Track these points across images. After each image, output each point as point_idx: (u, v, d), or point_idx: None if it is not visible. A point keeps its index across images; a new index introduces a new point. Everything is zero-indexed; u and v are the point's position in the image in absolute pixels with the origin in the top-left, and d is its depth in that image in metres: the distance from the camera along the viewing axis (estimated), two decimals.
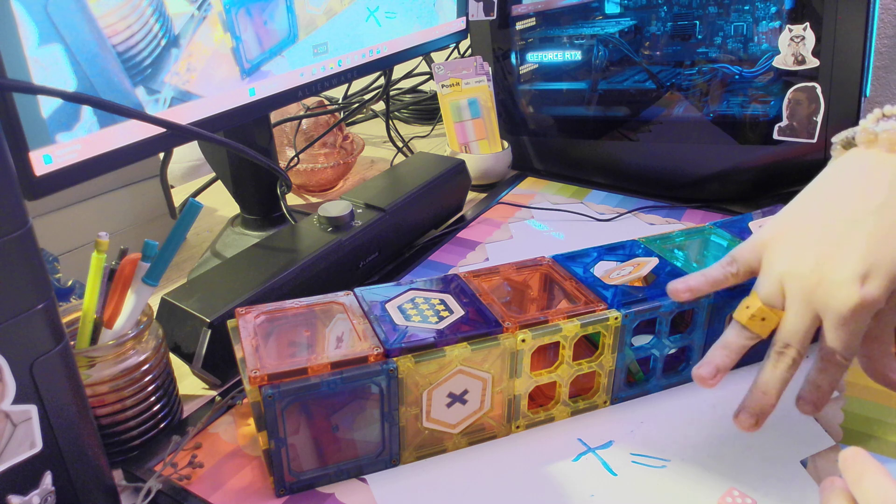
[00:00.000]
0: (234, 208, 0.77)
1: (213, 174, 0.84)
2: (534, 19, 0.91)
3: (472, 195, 0.89)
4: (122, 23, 0.49)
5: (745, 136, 0.80)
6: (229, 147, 0.61)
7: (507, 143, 0.93)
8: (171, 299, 0.54)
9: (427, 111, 1.20)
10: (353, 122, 1.21)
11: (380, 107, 1.21)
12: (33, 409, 0.34)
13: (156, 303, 0.54)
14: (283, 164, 0.88)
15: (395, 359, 0.43)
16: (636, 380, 0.53)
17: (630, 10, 0.85)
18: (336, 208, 0.65)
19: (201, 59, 0.55)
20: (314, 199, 0.92)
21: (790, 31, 0.75)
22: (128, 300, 0.46)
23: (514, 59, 0.93)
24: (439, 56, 1.12)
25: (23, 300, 0.32)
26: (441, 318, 0.47)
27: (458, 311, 0.48)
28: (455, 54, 1.15)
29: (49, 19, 0.44)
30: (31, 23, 0.43)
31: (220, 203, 0.87)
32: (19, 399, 0.33)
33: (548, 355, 0.52)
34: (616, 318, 0.48)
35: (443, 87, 0.91)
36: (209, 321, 0.51)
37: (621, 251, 0.57)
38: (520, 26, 0.92)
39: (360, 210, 0.68)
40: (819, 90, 0.75)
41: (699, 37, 0.81)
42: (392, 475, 0.46)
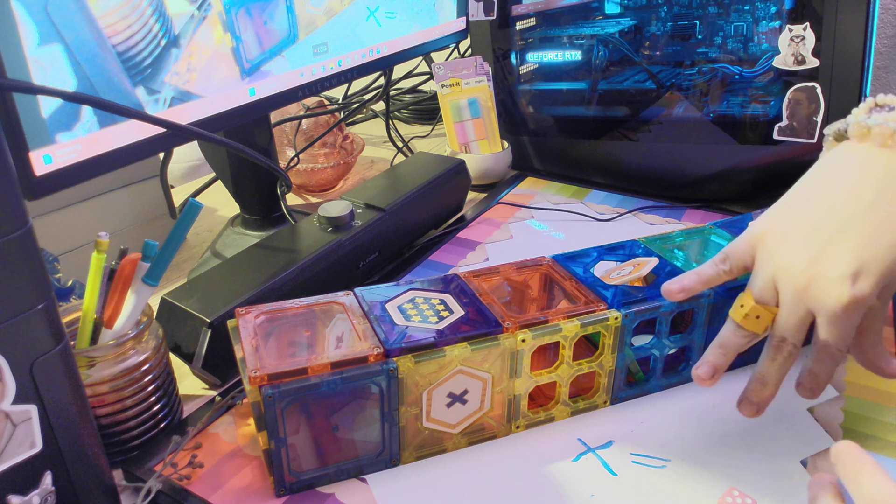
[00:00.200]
0: (234, 208, 0.77)
1: (213, 174, 0.84)
2: (534, 19, 0.91)
3: (472, 195, 0.89)
4: (122, 23, 0.49)
5: (745, 136, 0.80)
6: (229, 147, 0.61)
7: (507, 143, 0.93)
8: (171, 299, 0.54)
9: (427, 111, 1.20)
10: (353, 122, 1.21)
11: (380, 107, 1.21)
12: (33, 409, 0.34)
13: (156, 303, 0.54)
14: (283, 164, 0.88)
15: (395, 359, 0.43)
16: (636, 380, 0.53)
17: (630, 10, 0.85)
18: (336, 208, 0.65)
19: (201, 59, 0.55)
20: (314, 199, 0.92)
21: (790, 31, 0.75)
22: (128, 300, 0.46)
23: (514, 59, 0.93)
24: (439, 56, 1.12)
25: (23, 300, 0.32)
26: (441, 318, 0.47)
27: (458, 311, 0.48)
28: (455, 54, 1.15)
29: (49, 19, 0.44)
30: (31, 23, 0.43)
31: (220, 203, 0.87)
32: (19, 399, 0.33)
33: (548, 355, 0.52)
34: (616, 318, 0.48)
35: (443, 87, 0.91)
36: (209, 321, 0.51)
37: (621, 251, 0.57)
38: (520, 26, 0.92)
39: (360, 210, 0.68)
40: (819, 90, 0.75)
41: (699, 37, 0.81)
42: (392, 475, 0.46)
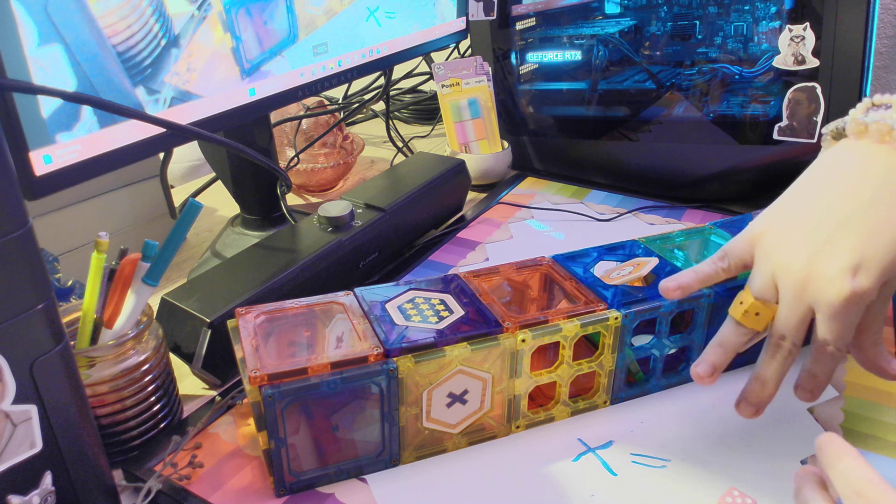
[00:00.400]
0: (234, 208, 0.77)
1: (213, 174, 0.84)
2: (534, 19, 0.91)
3: (472, 195, 0.89)
4: (122, 23, 0.49)
5: (745, 136, 0.80)
6: (229, 147, 0.61)
7: (507, 143, 0.93)
8: (171, 299, 0.54)
9: (427, 111, 1.20)
10: (353, 122, 1.21)
11: (380, 107, 1.21)
12: (33, 409, 0.34)
13: (156, 303, 0.54)
14: (283, 164, 0.88)
15: (395, 359, 0.43)
16: (636, 380, 0.53)
17: (630, 10, 0.85)
18: (336, 208, 0.65)
19: (201, 59, 0.55)
20: (314, 199, 0.92)
21: (790, 31, 0.75)
22: (128, 300, 0.46)
23: (514, 59, 0.93)
24: (439, 56, 1.12)
25: (23, 300, 0.32)
26: (441, 318, 0.47)
27: (458, 311, 0.48)
28: (455, 54, 1.15)
29: (49, 19, 0.44)
30: (31, 23, 0.43)
31: (220, 203, 0.87)
32: (19, 399, 0.33)
33: (548, 355, 0.52)
34: (616, 318, 0.48)
35: (443, 87, 0.91)
36: (209, 321, 0.51)
37: (621, 251, 0.57)
38: (520, 26, 0.92)
39: (360, 210, 0.68)
40: (819, 90, 0.75)
41: (699, 37, 0.81)
42: (392, 475, 0.46)
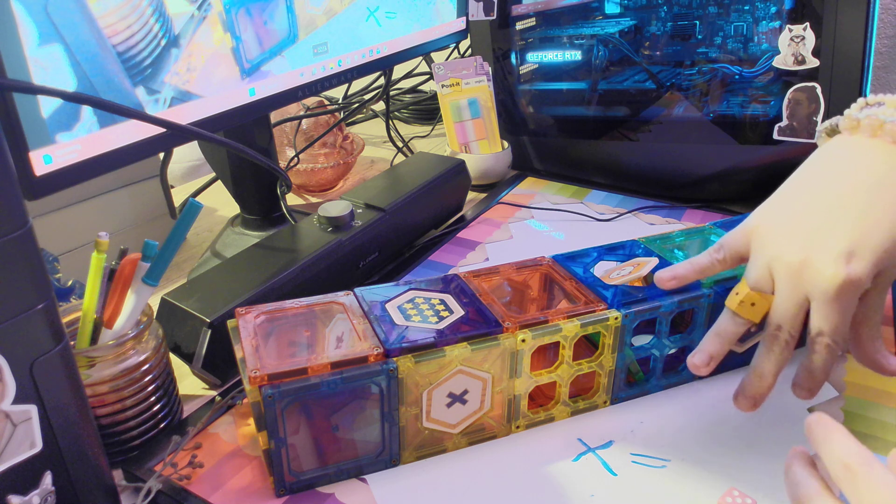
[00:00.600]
0: (234, 208, 0.77)
1: (213, 174, 0.84)
2: (534, 19, 0.91)
3: (472, 195, 0.89)
4: (122, 23, 0.49)
5: (745, 136, 0.80)
6: (229, 147, 0.61)
7: (507, 143, 0.93)
8: (171, 299, 0.54)
9: (427, 111, 1.20)
10: (353, 122, 1.21)
11: (380, 107, 1.21)
12: (33, 409, 0.34)
13: (156, 303, 0.54)
14: (283, 164, 0.88)
15: (395, 359, 0.43)
16: (636, 380, 0.53)
17: (630, 10, 0.85)
18: (336, 208, 0.65)
19: (201, 59, 0.55)
20: (314, 199, 0.92)
21: (790, 31, 0.75)
22: (128, 300, 0.46)
23: (514, 59, 0.93)
24: (439, 56, 1.12)
25: (23, 300, 0.32)
26: (441, 318, 0.47)
27: (458, 311, 0.48)
28: (455, 54, 1.15)
29: (49, 19, 0.44)
30: (31, 23, 0.43)
31: (220, 203, 0.87)
32: (19, 399, 0.33)
33: (548, 355, 0.53)
34: (616, 318, 0.48)
35: (443, 87, 0.91)
36: (209, 321, 0.51)
37: (621, 251, 0.57)
38: (520, 26, 0.92)
39: (360, 210, 0.68)
40: (819, 90, 0.75)
41: (699, 37, 0.81)
42: (392, 475, 0.46)
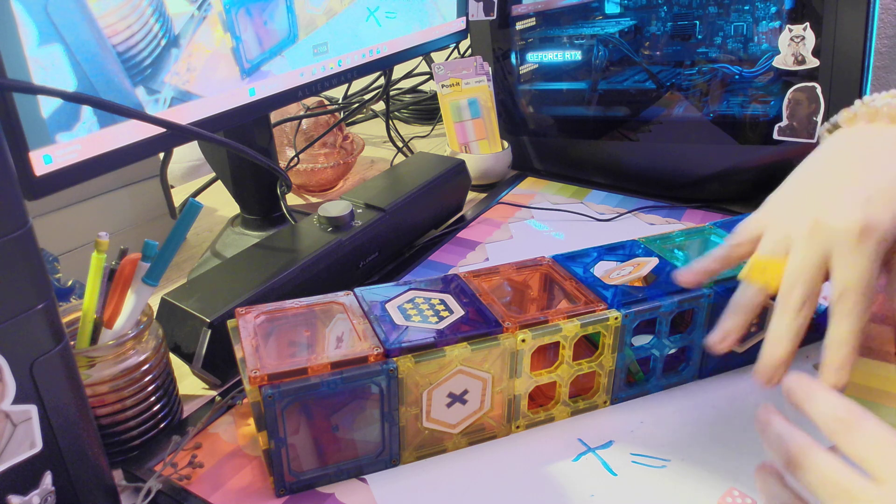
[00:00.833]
0: (234, 208, 0.77)
1: (213, 174, 0.84)
2: (534, 19, 0.91)
3: (472, 195, 0.89)
4: (122, 23, 0.49)
5: (745, 136, 0.80)
6: (229, 147, 0.61)
7: (507, 143, 0.93)
8: (171, 299, 0.54)
9: (427, 111, 1.20)
10: (353, 122, 1.21)
11: (380, 107, 1.21)
12: (33, 409, 0.34)
13: (156, 303, 0.54)
14: (283, 164, 0.88)
15: (395, 359, 0.43)
16: (636, 380, 0.53)
17: (630, 10, 0.85)
18: (336, 208, 0.65)
19: (201, 59, 0.55)
20: (314, 199, 0.92)
21: (790, 31, 0.75)
22: (128, 300, 0.46)
23: (514, 59, 0.93)
24: (439, 56, 1.12)
25: (23, 300, 0.32)
26: (441, 318, 0.47)
27: (458, 311, 0.48)
28: (455, 54, 1.15)
29: (49, 19, 0.44)
30: (31, 23, 0.43)
31: (220, 203, 0.87)
32: (19, 399, 0.33)
33: (548, 355, 0.52)
34: (616, 318, 0.48)
35: (443, 87, 0.91)
36: (209, 321, 0.51)
37: (621, 251, 0.57)
38: (520, 26, 0.92)
39: (360, 210, 0.68)
40: (819, 90, 0.75)
41: (699, 37, 0.81)
42: (392, 475, 0.46)
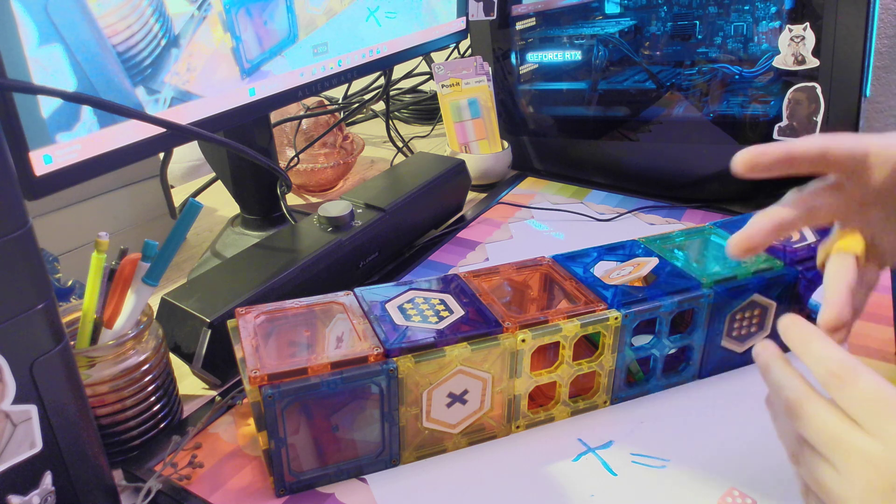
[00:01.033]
0: (234, 208, 0.77)
1: (213, 174, 0.84)
2: (534, 19, 0.91)
3: (472, 195, 0.89)
4: (122, 23, 0.49)
5: (745, 136, 0.80)
6: (229, 147, 0.61)
7: (507, 143, 0.93)
8: (171, 299, 0.54)
9: (427, 111, 1.20)
10: (353, 122, 1.21)
11: (380, 107, 1.21)
12: (33, 409, 0.34)
13: (156, 303, 0.54)
14: (283, 164, 0.88)
15: (395, 359, 0.43)
16: (636, 380, 0.53)
17: (630, 10, 0.85)
18: (336, 208, 0.65)
19: (201, 59, 0.55)
20: (314, 199, 0.92)
21: (790, 31, 0.75)
22: (128, 300, 0.46)
23: (514, 59, 0.93)
24: (439, 56, 1.12)
25: (23, 300, 0.32)
26: (441, 318, 0.47)
27: (458, 311, 0.48)
28: (455, 54, 1.15)
29: (49, 19, 0.44)
30: (31, 23, 0.43)
31: (220, 203, 0.87)
32: (19, 399, 0.33)
33: (548, 355, 0.52)
34: (616, 318, 0.48)
35: (443, 87, 0.91)
36: (209, 321, 0.51)
37: (621, 251, 0.57)
38: (520, 26, 0.92)
39: (360, 210, 0.68)
40: (819, 90, 0.75)
41: (699, 37, 0.81)
42: (392, 475, 0.46)
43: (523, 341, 0.46)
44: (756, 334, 0.54)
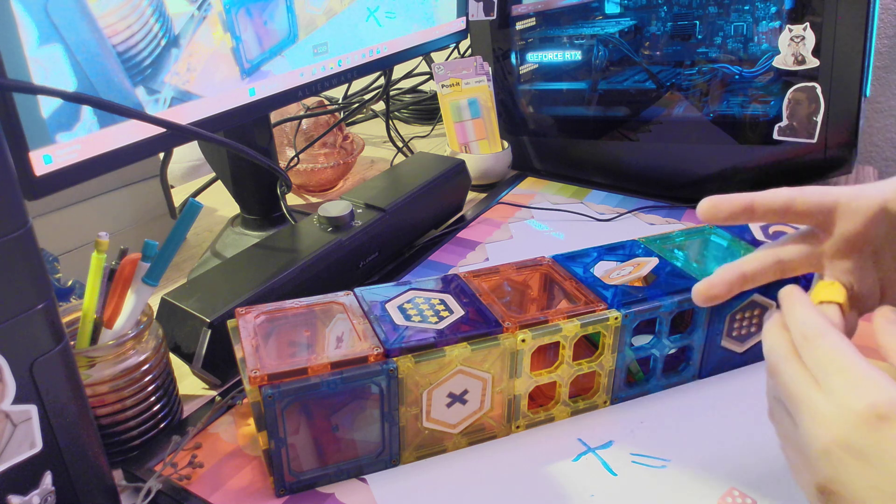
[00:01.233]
0: (234, 208, 0.77)
1: (213, 174, 0.84)
2: (534, 19, 0.91)
3: (472, 195, 0.89)
4: (122, 23, 0.49)
5: (745, 136, 0.80)
6: (229, 147, 0.61)
7: (507, 143, 0.93)
8: (171, 299, 0.54)
9: (427, 111, 1.20)
10: (353, 122, 1.21)
11: (380, 107, 1.21)
12: (33, 409, 0.34)
13: (156, 303, 0.54)
14: (283, 164, 0.88)
15: (395, 359, 0.43)
16: (636, 380, 0.53)
17: (630, 10, 0.85)
18: (336, 208, 0.65)
19: (201, 59, 0.55)
20: (314, 199, 0.92)
21: (790, 31, 0.75)
22: (128, 300, 0.46)
23: (514, 59, 0.93)
24: (439, 56, 1.12)
25: (23, 300, 0.32)
26: (441, 318, 0.47)
27: (458, 311, 0.48)
28: (455, 54, 1.15)
29: (49, 19, 0.44)
30: (31, 23, 0.43)
31: (220, 203, 0.87)
32: (19, 399, 0.33)
33: (548, 355, 0.52)
34: (616, 318, 0.48)
35: (443, 87, 0.91)
36: (209, 321, 0.51)
37: (621, 251, 0.57)
38: (520, 26, 0.92)
39: (360, 210, 0.68)
40: (819, 90, 0.75)
41: (699, 37, 0.81)
42: (392, 475, 0.46)
43: (523, 341, 0.46)
44: (756, 334, 0.54)
